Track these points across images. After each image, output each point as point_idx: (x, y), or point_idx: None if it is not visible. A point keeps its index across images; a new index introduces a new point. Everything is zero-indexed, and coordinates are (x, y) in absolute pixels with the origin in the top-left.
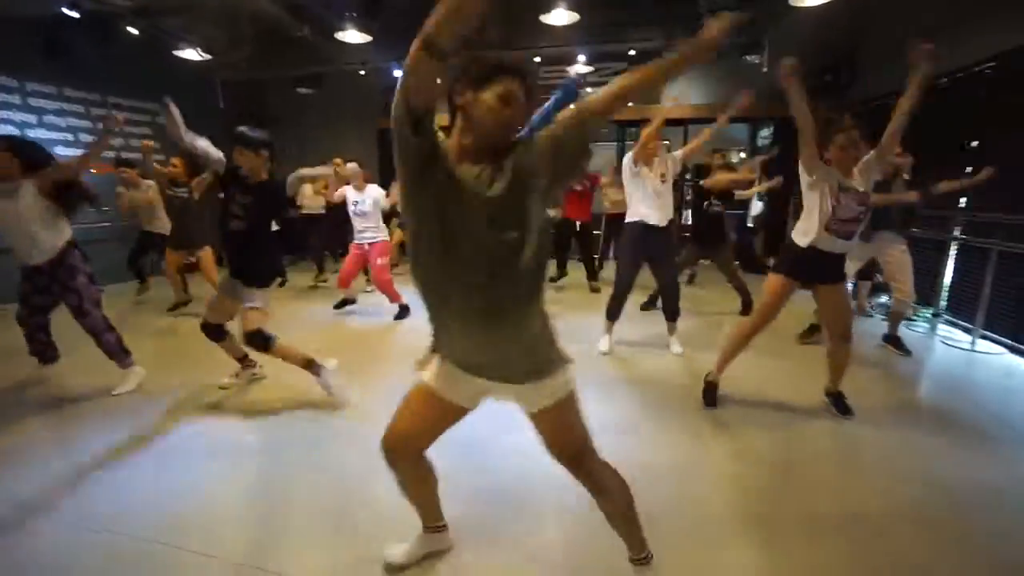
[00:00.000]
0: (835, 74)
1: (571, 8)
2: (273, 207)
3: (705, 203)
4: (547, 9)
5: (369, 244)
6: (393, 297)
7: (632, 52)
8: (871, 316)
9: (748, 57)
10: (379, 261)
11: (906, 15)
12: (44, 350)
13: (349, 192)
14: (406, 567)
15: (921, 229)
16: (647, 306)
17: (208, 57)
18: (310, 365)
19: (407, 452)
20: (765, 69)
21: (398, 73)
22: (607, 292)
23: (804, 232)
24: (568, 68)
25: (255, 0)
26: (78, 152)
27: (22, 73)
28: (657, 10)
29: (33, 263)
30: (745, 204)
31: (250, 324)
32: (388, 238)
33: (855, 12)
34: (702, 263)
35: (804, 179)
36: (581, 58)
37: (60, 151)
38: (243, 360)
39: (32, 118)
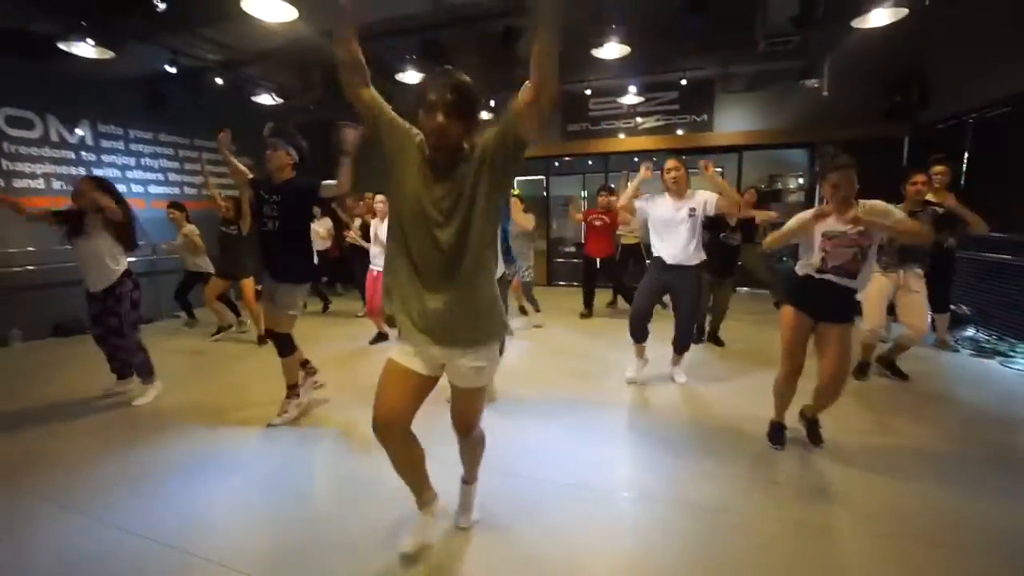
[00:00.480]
0: (904, 94)
1: (622, 41)
2: (301, 205)
3: (721, 234)
4: (599, 44)
5: (379, 272)
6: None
7: (684, 81)
8: (957, 351)
9: (806, 82)
10: None
11: (978, 31)
12: (119, 367)
13: (374, 223)
14: (420, 552)
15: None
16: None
17: (281, 101)
18: (293, 387)
19: (395, 428)
20: (826, 93)
21: None
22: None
23: (802, 266)
24: (618, 99)
25: (325, 49)
26: (170, 191)
27: (127, 122)
28: (709, 39)
29: (92, 290)
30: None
31: (282, 327)
32: None
33: (924, 30)
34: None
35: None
36: (632, 89)
37: (153, 189)
38: (292, 389)
39: (132, 161)
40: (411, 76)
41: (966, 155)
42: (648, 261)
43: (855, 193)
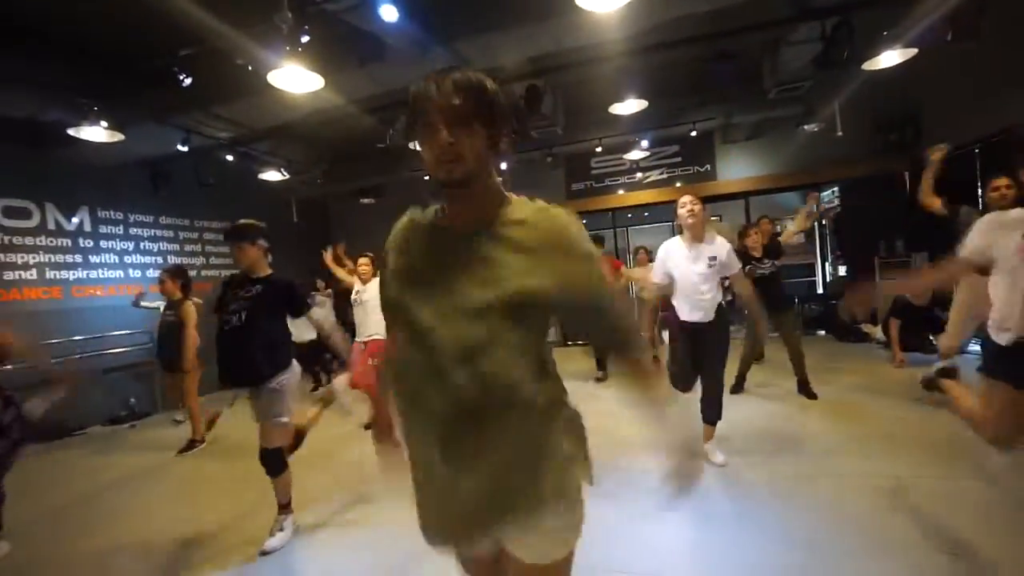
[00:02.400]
0: (900, 132)
1: (640, 96)
2: (279, 301)
3: (747, 266)
4: (618, 99)
5: (365, 342)
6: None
7: (694, 132)
8: None
9: (806, 127)
10: (370, 361)
11: (969, 71)
12: None
13: (356, 282)
14: None
15: None
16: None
17: (287, 176)
18: (287, 505)
19: None
20: (840, 133)
21: None
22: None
23: (1000, 324)
24: (624, 155)
25: (340, 120)
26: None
27: (127, 206)
28: (720, 92)
29: None
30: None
31: (271, 441)
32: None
33: (912, 68)
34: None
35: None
36: (644, 143)
37: (152, 273)
38: (285, 507)
39: (131, 245)
40: None
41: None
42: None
43: None
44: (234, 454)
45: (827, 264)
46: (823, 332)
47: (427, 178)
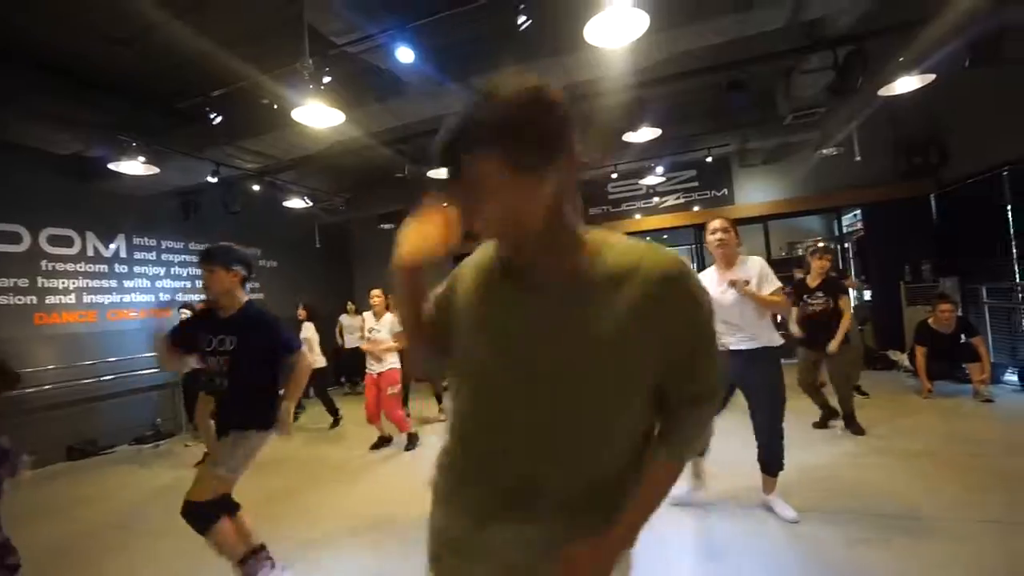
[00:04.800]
0: (924, 154)
1: (653, 124)
2: (258, 348)
3: (801, 300)
4: (631, 127)
5: (378, 374)
6: (401, 427)
7: (709, 159)
8: None
9: (824, 151)
10: (389, 391)
11: (997, 91)
12: None
13: (368, 317)
14: None
15: None
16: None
17: (311, 204)
18: (251, 554)
19: None
20: (858, 158)
21: None
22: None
23: None
24: (640, 180)
25: (362, 151)
26: (198, 297)
27: (159, 233)
28: (735, 117)
29: None
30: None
31: (206, 491)
32: (398, 366)
33: (942, 93)
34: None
35: None
36: (659, 170)
37: (180, 297)
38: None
39: (162, 270)
40: (443, 171)
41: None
42: None
43: None
44: (263, 470)
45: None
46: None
47: (446, 205)
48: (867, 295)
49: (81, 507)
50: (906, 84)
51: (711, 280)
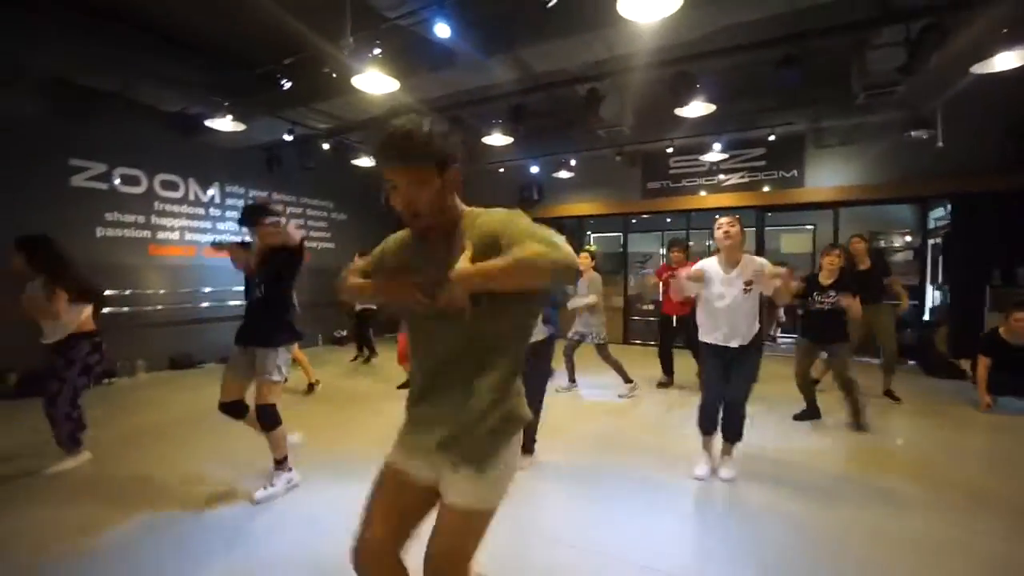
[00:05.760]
0: None
1: (708, 100)
2: (285, 268)
3: (810, 295)
4: (681, 103)
5: None
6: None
7: (772, 137)
8: None
9: (913, 133)
10: None
11: None
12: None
13: None
14: None
15: None
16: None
17: (376, 164)
18: (281, 463)
19: (383, 564)
20: (940, 144)
21: (534, 169)
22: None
23: None
24: (700, 156)
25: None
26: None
27: (247, 183)
28: (801, 95)
29: (44, 342)
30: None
31: (264, 397)
32: None
33: None
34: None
35: None
36: (716, 147)
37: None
38: (280, 463)
39: None
40: (496, 139)
41: None
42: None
43: None
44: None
45: (935, 289)
46: (913, 362)
47: (502, 171)
48: (937, 297)
49: (171, 404)
50: (1006, 61)
51: (716, 273)
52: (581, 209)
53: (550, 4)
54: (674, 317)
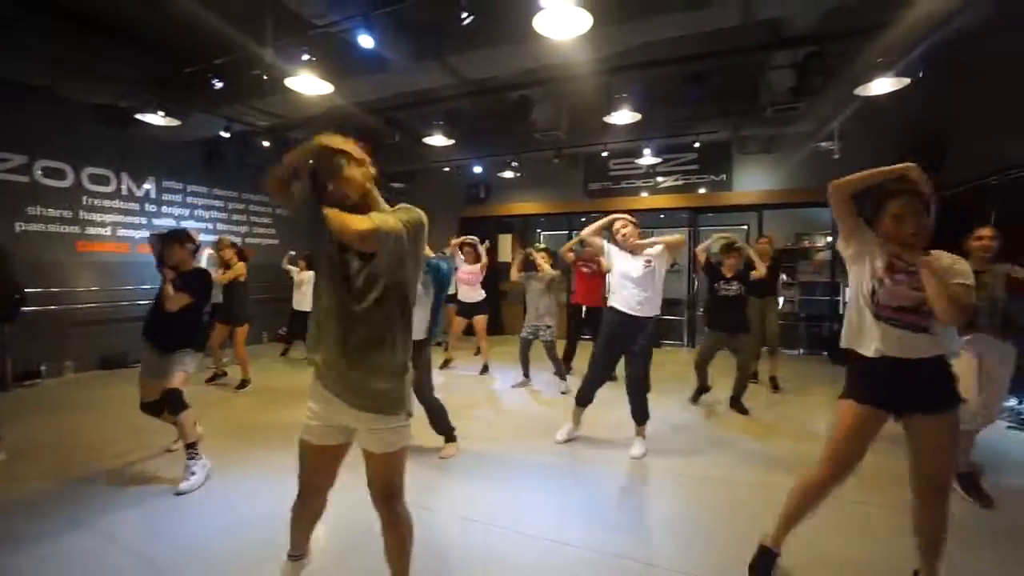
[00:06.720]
0: (925, 156)
1: (633, 109)
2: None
3: (715, 284)
4: (609, 111)
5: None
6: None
7: (697, 144)
8: None
9: (821, 144)
10: None
11: (998, 93)
12: None
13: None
14: None
15: None
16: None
17: None
18: (193, 446)
19: (312, 487)
20: (837, 156)
21: (478, 170)
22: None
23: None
24: (636, 160)
25: (358, 116)
26: (213, 237)
27: (185, 179)
28: (719, 106)
29: None
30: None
31: (175, 382)
32: None
33: (941, 91)
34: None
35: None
36: (647, 151)
37: (204, 237)
38: (191, 447)
39: (187, 212)
40: (437, 139)
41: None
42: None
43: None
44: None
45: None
46: (825, 353)
47: (447, 170)
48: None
49: (103, 405)
50: (882, 86)
51: (624, 258)
52: (527, 208)
53: (465, 21)
54: (583, 307)
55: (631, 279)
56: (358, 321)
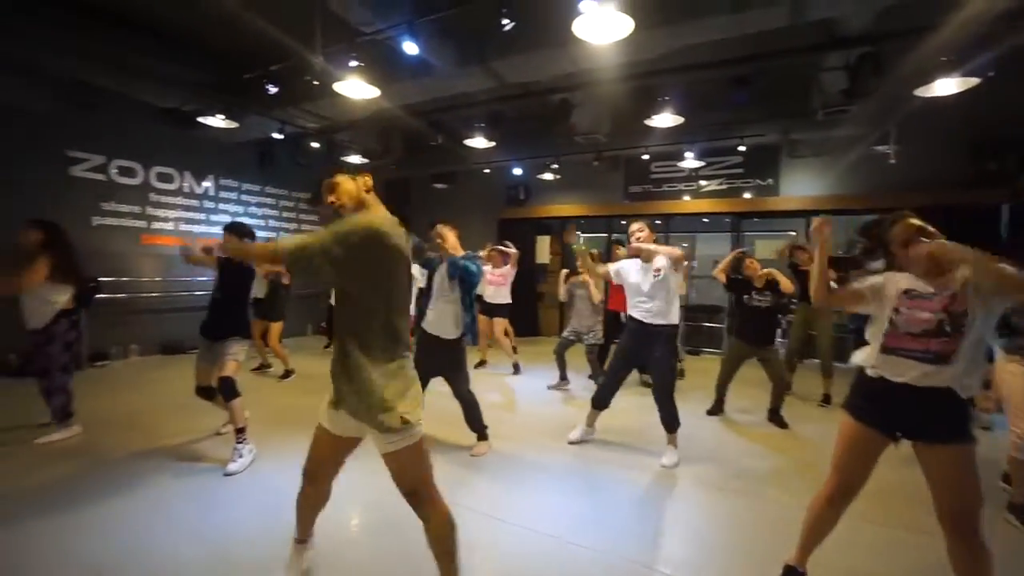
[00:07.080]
0: (1000, 160)
1: (675, 112)
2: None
3: (745, 296)
4: (651, 114)
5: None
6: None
7: (742, 148)
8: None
9: (877, 147)
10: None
11: None
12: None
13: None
14: None
15: None
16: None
17: (367, 161)
18: (242, 431)
19: (319, 476)
20: (893, 160)
21: (518, 171)
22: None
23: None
24: (678, 163)
25: (403, 118)
26: (271, 235)
27: (241, 177)
28: (768, 109)
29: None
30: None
31: (227, 371)
32: None
33: (1009, 94)
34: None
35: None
36: (689, 155)
37: (259, 233)
38: (240, 432)
39: (242, 209)
40: (479, 141)
41: None
42: None
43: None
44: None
45: None
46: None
47: (487, 171)
48: None
49: (163, 387)
50: (947, 86)
51: (635, 268)
52: (566, 210)
53: (507, 27)
54: (621, 314)
55: (642, 289)
56: (341, 328)
